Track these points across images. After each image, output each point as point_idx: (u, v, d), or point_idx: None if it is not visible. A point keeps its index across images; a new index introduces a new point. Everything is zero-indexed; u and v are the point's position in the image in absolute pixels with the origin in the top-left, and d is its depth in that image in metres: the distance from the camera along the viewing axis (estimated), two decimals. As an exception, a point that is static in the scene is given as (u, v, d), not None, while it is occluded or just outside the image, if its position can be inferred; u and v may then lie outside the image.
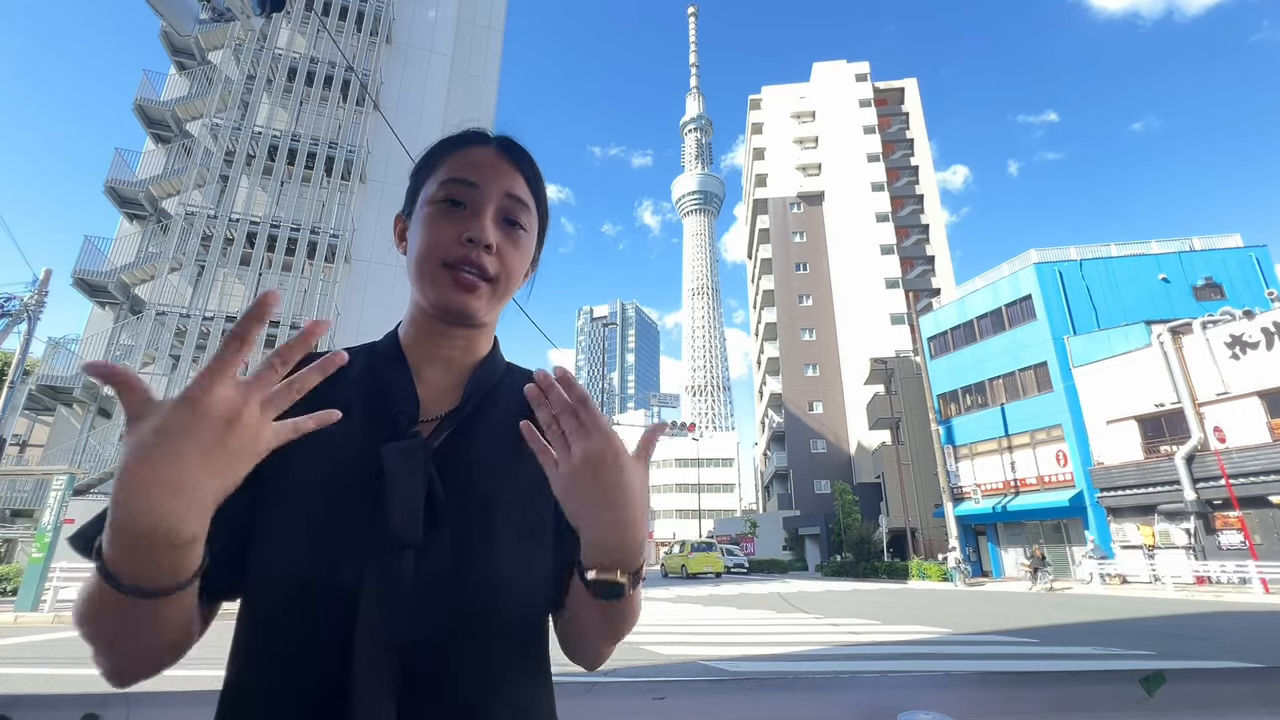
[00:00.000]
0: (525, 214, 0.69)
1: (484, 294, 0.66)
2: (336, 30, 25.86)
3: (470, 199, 0.66)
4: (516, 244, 0.69)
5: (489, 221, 0.66)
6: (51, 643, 7.32)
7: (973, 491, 26.75)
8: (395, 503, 0.56)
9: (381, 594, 0.54)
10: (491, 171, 0.68)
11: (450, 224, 0.66)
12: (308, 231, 22.25)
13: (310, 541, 0.56)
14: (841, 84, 60.44)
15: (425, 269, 0.65)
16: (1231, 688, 0.98)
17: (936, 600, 14.66)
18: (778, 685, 0.94)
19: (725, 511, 66.98)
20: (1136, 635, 8.04)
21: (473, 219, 0.66)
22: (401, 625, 0.53)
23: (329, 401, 0.64)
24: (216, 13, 3.35)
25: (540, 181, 0.73)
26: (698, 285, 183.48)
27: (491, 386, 0.71)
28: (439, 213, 0.66)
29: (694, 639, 7.74)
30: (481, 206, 0.66)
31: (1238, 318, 19.39)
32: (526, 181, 0.70)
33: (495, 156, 0.69)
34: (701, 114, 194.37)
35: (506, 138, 0.72)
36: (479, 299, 0.66)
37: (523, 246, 0.70)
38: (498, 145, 0.71)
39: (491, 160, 0.69)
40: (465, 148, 0.70)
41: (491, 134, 0.72)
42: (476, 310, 0.66)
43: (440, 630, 0.55)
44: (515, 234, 0.69)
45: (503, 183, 0.68)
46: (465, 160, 0.68)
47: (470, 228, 0.65)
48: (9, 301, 15.75)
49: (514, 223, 0.68)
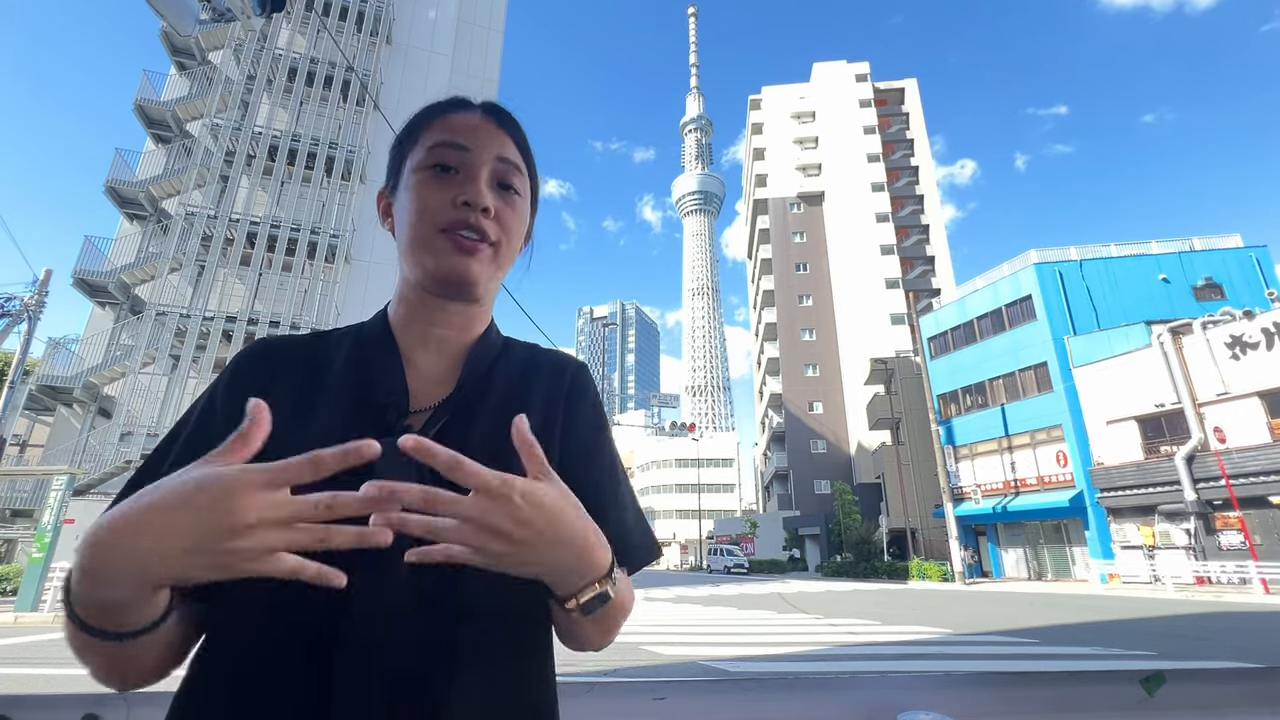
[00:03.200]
0: (518, 177, 0.67)
1: (485, 257, 0.63)
2: (336, 30, 25.87)
3: (461, 163, 0.64)
4: (513, 207, 0.66)
5: (484, 185, 0.63)
6: (51, 643, 7.31)
7: (973, 492, 26.74)
8: None
9: (370, 599, 0.51)
10: (481, 135, 0.65)
11: (443, 188, 0.63)
12: (308, 231, 22.26)
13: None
14: (841, 84, 60.45)
15: (420, 236, 0.62)
16: (1231, 688, 0.98)
17: (936, 600, 14.65)
18: (778, 685, 0.94)
19: (725, 512, 66.97)
20: (1136, 635, 8.03)
21: (467, 183, 0.63)
22: (391, 632, 0.51)
23: (315, 394, 0.62)
24: (216, 13, 3.35)
25: (528, 147, 0.70)
26: (698, 285, 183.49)
27: (487, 368, 0.67)
28: (430, 178, 0.63)
29: (694, 639, 7.73)
30: (474, 170, 0.64)
31: (1238, 318, 19.38)
32: (516, 145, 0.68)
33: (482, 120, 0.66)
34: (701, 114, 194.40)
35: (492, 102, 0.69)
36: (481, 263, 0.63)
37: (519, 210, 0.67)
38: (484, 110, 0.68)
39: (479, 124, 0.66)
40: (450, 113, 0.67)
41: (475, 100, 0.69)
42: (478, 276, 0.63)
43: (434, 634, 0.53)
44: (510, 198, 0.66)
45: (493, 146, 0.65)
46: (452, 124, 0.65)
47: (465, 191, 0.62)
48: (9, 301, 15.75)
49: (508, 186, 0.66)
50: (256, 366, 0.63)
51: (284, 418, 0.59)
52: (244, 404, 0.61)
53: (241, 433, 0.42)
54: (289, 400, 0.60)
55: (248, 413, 0.42)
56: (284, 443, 0.57)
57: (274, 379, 0.62)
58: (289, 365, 0.64)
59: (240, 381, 0.62)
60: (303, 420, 0.60)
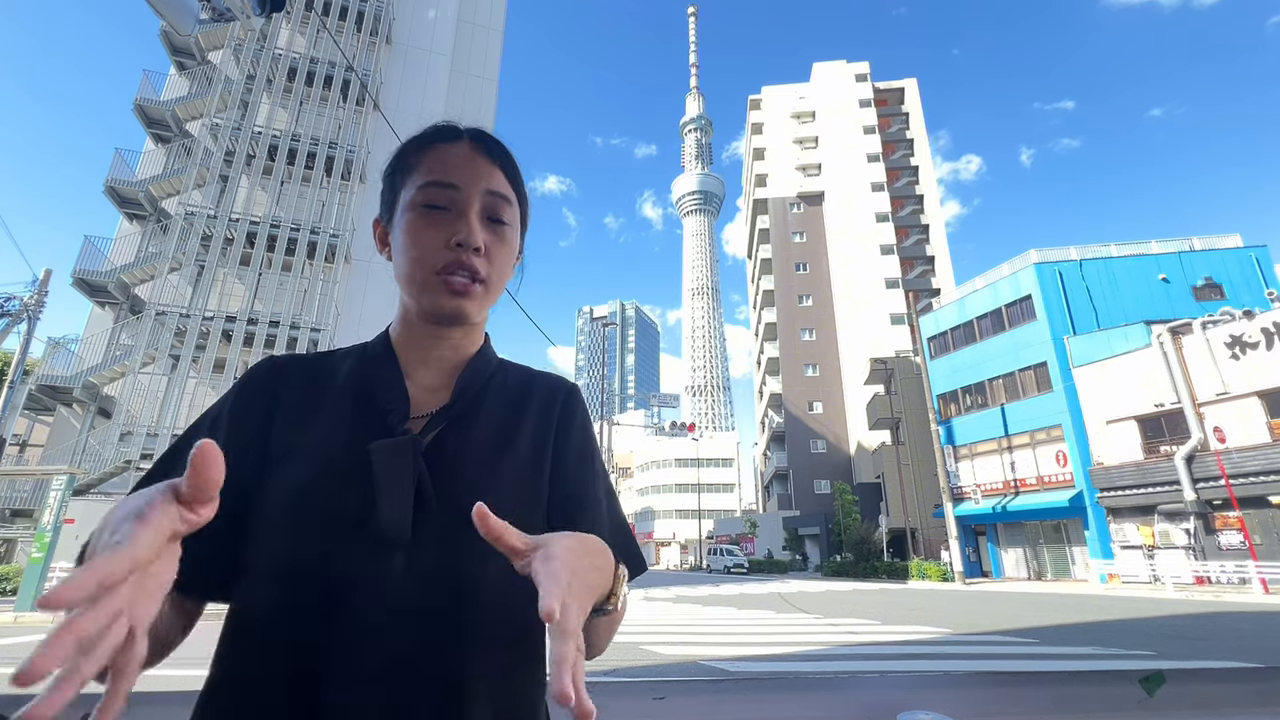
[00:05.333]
0: (508, 209, 0.69)
1: (477, 295, 0.66)
2: (336, 30, 25.86)
3: (452, 201, 0.65)
4: (503, 240, 0.69)
5: (474, 223, 0.65)
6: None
7: (972, 492, 26.74)
8: (383, 501, 0.56)
9: (370, 592, 0.53)
10: (470, 170, 0.67)
11: (435, 230, 0.65)
12: (308, 231, 22.25)
13: (300, 541, 0.55)
14: (841, 84, 60.45)
15: (415, 278, 0.65)
16: (1231, 688, 0.98)
17: (936, 600, 14.65)
18: (778, 685, 0.94)
19: (725, 511, 66.91)
20: (1136, 635, 8.03)
21: (458, 220, 0.65)
22: (390, 623, 0.53)
23: (320, 401, 0.65)
24: (216, 13, 3.34)
25: (518, 171, 0.72)
26: (698, 285, 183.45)
27: (483, 383, 0.71)
28: (421, 218, 0.65)
29: (694, 639, 7.72)
30: (464, 208, 0.65)
31: (1238, 318, 19.38)
32: (504, 173, 0.69)
33: (470, 152, 0.68)
34: (701, 114, 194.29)
35: (479, 130, 0.70)
36: (473, 301, 0.66)
37: (509, 241, 0.70)
38: (471, 140, 0.69)
39: (467, 157, 0.67)
40: (437, 145, 0.68)
41: (461, 128, 0.70)
42: (470, 313, 0.67)
43: (430, 628, 0.55)
44: (500, 230, 0.68)
45: (482, 180, 0.67)
46: (440, 160, 0.67)
47: (457, 230, 0.64)
48: (9, 301, 15.75)
49: (498, 220, 0.68)
50: (264, 379, 0.66)
51: (290, 423, 0.63)
52: (252, 415, 0.64)
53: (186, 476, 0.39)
54: (295, 407, 0.64)
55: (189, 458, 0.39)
56: (290, 445, 0.61)
57: (281, 389, 0.65)
58: (296, 377, 0.67)
59: (248, 395, 0.65)
60: (308, 424, 0.62)
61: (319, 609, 0.53)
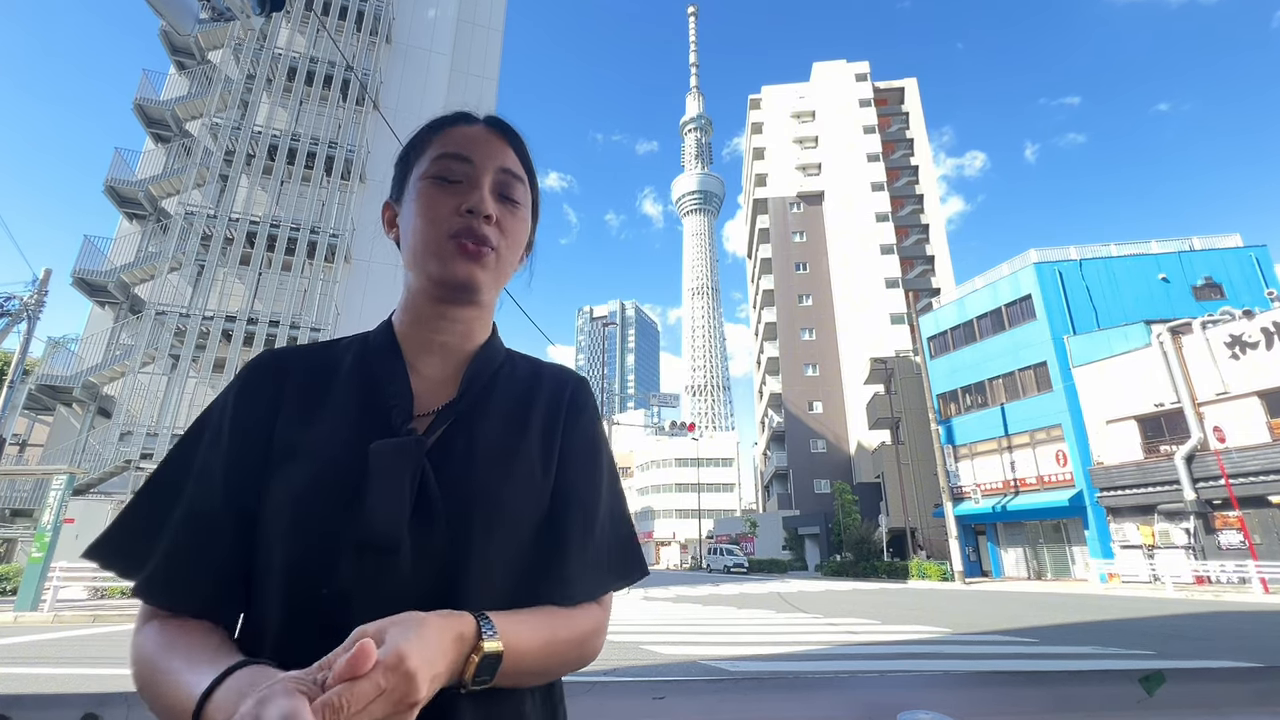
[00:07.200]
0: (520, 188, 0.69)
1: (489, 262, 0.65)
2: (336, 30, 25.84)
3: (465, 174, 0.66)
4: (515, 215, 0.69)
5: (487, 193, 0.66)
6: (51, 643, 7.32)
7: (972, 491, 26.75)
8: (377, 504, 0.54)
9: (368, 597, 0.52)
10: (484, 147, 0.68)
11: (448, 197, 0.65)
12: (307, 231, 22.24)
13: (302, 549, 0.54)
14: (841, 84, 60.43)
15: (427, 241, 0.64)
16: (1231, 688, 0.98)
17: (936, 600, 14.66)
18: (778, 685, 0.94)
19: (725, 511, 66.93)
20: (1136, 635, 8.03)
21: (470, 191, 0.65)
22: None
23: (323, 397, 0.63)
24: (216, 12, 3.34)
25: (529, 158, 0.72)
26: (698, 285, 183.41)
27: (491, 375, 0.69)
28: (434, 188, 0.65)
29: (694, 639, 7.73)
30: (477, 180, 0.66)
31: (1237, 317, 19.38)
32: (518, 156, 0.70)
33: (485, 132, 0.69)
34: (701, 113, 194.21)
35: (494, 116, 0.72)
36: (485, 268, 0.65)
37: (520, 219, 0.70)
38: (486, 122, 0.70)
39: (482, 136, 0.68)
40: (454, 126, 0.69)
41: (479, 114, 0.72)
42: (482, 281, 0.65)
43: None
44: (512, 207, 0.68)
45: (495, 158, 0.68)
46: (455, 137, 0.68)
47: (469, 199, 0.65)
48: (9, 301, 15.76)
49: (509, 198, 0.68)
50: (266, 375, 0.65)
51: (293, 420, 0.62)
52: (254, 412, 0.62)
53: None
54: (298, 404, 0.62)
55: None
56: (293, 444, 0.60)
57: (283, 385, 0.64)
58: (297, 372, 0.65)
59: (250, 389, 0.63)
60: (310, 422, 0.61)
61: (318, 621, 0.52)
